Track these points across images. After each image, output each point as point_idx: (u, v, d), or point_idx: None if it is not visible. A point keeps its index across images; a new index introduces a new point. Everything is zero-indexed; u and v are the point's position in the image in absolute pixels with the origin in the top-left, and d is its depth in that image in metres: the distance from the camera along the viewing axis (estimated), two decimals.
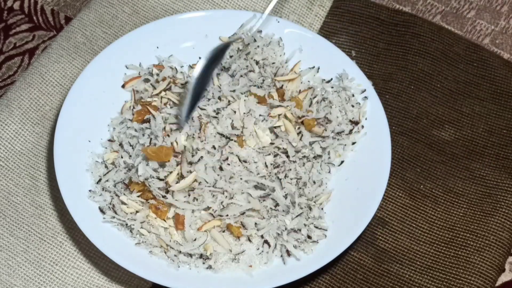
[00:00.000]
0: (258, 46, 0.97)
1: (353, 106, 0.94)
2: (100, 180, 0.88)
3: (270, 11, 1.06)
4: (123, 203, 0.87)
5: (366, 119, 0.93)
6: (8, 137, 0.96)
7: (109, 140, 0.92)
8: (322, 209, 0.89)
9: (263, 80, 0.94)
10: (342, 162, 0.92)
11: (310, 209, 0.88)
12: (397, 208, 0.94)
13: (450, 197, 0.94)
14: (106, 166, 0.90)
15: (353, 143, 0.93)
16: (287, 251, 0.85)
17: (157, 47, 0.98)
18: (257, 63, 0.96)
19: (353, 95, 0.94)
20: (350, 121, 0.93)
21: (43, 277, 0.89)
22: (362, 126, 0.93)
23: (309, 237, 0.86)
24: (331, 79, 0.96)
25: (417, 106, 1.01)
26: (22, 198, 0.93)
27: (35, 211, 0.93)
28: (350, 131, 0.93)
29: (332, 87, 0.95)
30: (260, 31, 0.98)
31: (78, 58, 1.02)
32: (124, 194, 0.87)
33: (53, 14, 1.11)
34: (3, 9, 1.11)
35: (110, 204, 0.87)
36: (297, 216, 0.86)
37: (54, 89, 1.00)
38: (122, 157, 0.89)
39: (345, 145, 0.92)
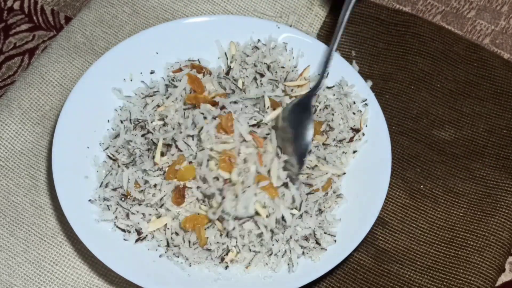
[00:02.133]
0: (262, 51, 0.96)
1: (354, 113, 0.94)
2: (102, 184, 0.89)
3: (270, 16, 1.07)
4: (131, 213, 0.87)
5: (366, 126, 0.93)
6: (8, 137, 0.96)
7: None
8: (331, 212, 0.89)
9: (277, 86, 0.93)
10: (344, 173, 0.91)
11: (321, 213, 0.88)
12: (397, 208, 0.94)
13: (450, 197, 0.94)
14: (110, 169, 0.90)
15: (354, 151, 0.93)
16: (290, 259, 0.85)
17: (156, 53, 0.97)
18: (268, 67, 0.95)
19: (354, 102, 0.94)
20: (351, 128, 0.93)
21: (43, 277, 0.89)
22: (363, 134, 0.93)
23: (318, 243, 0.86)
24: (333, 86, 0.95)
25: (417, 106, 1.01)
26: (22, 198, 0.93)
27: (35, 211, 0.93)
28: (351, 139, 0.93)
29: (334, 94, 0.95)
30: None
31: (78, 58, 1.02)
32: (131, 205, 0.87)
33: (53, 14, 1.11)
34: (3, 9, 1.11)
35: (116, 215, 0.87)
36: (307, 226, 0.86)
37: (54, 89, 1.00)
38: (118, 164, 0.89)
39: (346, 152, 0.92)
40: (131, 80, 0.96)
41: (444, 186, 0.95)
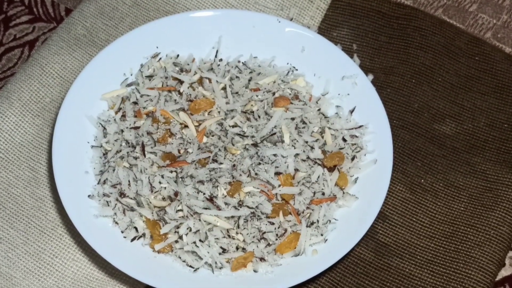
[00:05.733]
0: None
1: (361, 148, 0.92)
2: (100, 181, 0.89)
3: (271, 8, 1.06)
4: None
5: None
6: (8, 129, 0.96)
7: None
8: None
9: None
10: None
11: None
12: (398, 202, 0.94)
13: (451, 191, 0.94)
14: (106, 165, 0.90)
15: (355, 146, 0.92)
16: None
17: (157, 47, 0.97)
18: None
19: (362, 148, 0.92)
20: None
21: (42, 269, 0.89)
22: (365, 154, 0.92)
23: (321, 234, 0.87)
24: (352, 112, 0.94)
25: (418, 100, 1.00)
26: (22, 190, 0.93)
27: (35, 203, 0.93)
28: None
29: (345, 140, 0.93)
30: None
31: (78, 50, 1.02)
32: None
33: (54, 5, 1.11)
34: (3, 0, 1.11)
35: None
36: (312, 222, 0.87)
37: (54, 81, 1.00)
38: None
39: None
40: (131, 75, 0.96)
41: (445, 180, 0.95)
